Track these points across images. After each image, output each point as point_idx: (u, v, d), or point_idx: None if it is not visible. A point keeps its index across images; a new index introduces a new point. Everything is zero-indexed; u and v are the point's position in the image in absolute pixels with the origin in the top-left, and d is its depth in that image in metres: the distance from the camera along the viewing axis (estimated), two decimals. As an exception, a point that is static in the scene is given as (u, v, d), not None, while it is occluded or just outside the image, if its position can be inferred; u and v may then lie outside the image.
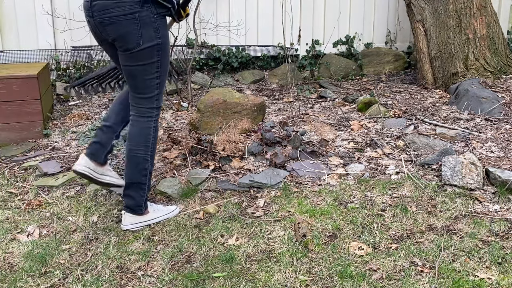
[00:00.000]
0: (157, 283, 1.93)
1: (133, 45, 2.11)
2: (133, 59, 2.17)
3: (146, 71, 2.18)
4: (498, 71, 4.50)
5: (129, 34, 2.10)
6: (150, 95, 2.24)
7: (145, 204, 2.35)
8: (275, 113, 4.06)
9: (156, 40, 2.14)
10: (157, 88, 2.24)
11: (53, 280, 1.96)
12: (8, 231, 2.34)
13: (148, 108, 2.26)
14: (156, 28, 2.13)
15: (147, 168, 2.29)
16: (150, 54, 2.15)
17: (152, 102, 2.25)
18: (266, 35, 5.39)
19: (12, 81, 3.40)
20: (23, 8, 4.44)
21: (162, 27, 2.17)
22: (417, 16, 4.74)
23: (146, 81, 2.20)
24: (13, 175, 2.94)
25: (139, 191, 2.31)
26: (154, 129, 2.29)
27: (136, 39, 2.10)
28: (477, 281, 1.87)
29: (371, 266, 1.99)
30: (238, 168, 2.90)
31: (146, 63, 2.16)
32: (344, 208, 2.47)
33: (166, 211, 2.43)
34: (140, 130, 2.27)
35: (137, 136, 2.27)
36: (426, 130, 3.44)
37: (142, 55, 2.14)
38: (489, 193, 2.55)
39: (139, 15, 2.07)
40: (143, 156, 2.27)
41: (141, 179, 2.29)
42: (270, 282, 1.91)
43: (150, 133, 2.27)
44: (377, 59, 5.66)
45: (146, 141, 2.27)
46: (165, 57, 2.22)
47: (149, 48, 2.13)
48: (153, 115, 2.27)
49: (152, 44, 2.13)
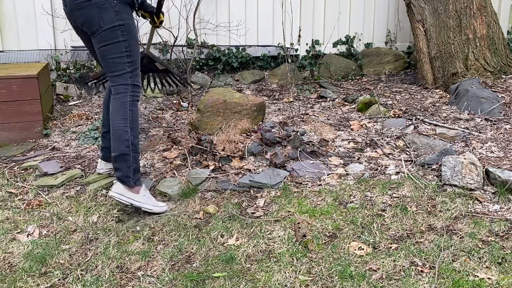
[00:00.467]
0: (157, 283, 1.93)
1: (96, 27, 2.36)
2: (100, 41, 2.39)
3: (114, 50, 2.39)
4: (498, 71, 4.50)
5: (92, 18, 2.36)
6: (122, 72, 2.42)
7: (134, 177, 2.44)
8: (275, 113, 4.06)
9: (117, 21, 2.36)
10: (129, 66, 2.42)
11: (53, 280, 1.96)
12: (8, 231, 2.34)
13: (123, 85, 2.44)
14: (117, 11, 2.36)
15: (128, 139, 2.42)
16: (114, 34, 2.37)
17: (125, 79, 2.43)
18: (266, 35, 5.39)
19: (12, 81, 3.40)
20: (23, 8, 4.44)
21: (124, 11, 2.39)
22: (417, 16, 4.74)
23: (116, 59, 2.41)
24: (13, 175, 2.94)
25: (125, 162, 2.43)
26: (131, 103, 2.44)
27: (98, 21, 2.35)
28: (477, 281, 1.87)
29: (371, 266, 1.99)
30: (238, 168, 2.90)
31: (111, 42, 2.38)
32: (344, 208, 2.47)
33: (155, 204, 2.49)
34: (117, 105, 2.44)
35: (116, 111, 2.45)
36: (426, 130, 3.44)
37: (106, 35, 2.37)
38: (489, 193, 2.55)
39: (99, 0, 2.33)
40: (122, 128, 2.42)
41: (125, 150, 2.42)
42: (270, 282, 1.91)
43: (127, 107, 2.43)
44: (377, 59, 5.67)
45: (124, 114, 2.43)
46: (132, 39, 2.42)
47: (111, 28, 2.36)
48: (127, 91, 2.44)
49: (114, 25, 2.35)
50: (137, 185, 2.45)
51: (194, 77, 4.99)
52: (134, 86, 2.46)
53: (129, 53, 2.41)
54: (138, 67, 2.48)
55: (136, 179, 2.45)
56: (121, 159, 2.42)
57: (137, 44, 2.47)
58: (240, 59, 5.25)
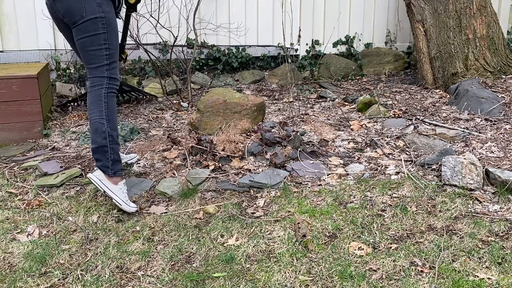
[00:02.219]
0: (157, 283, 1.93)
1: (78, 17, 2.39)
2: (80, 32, 2.42)
3: (93, 42, 2.42)
4: (498, 71, 4.50)
5: (73, 8, 2.39)
6: (100, 64, 2.45)
7: (113, 167, 2.48)
8: (275, 113, 4.06)
9: (99, 13, 2.39)
10: (107, 59, 2.45)
11: (53, 280, 1.96)
12: (8, 231, 2.34)
13: (99, 77, 2.46)
14: (99, 3, 2.40)
15: (105, 131, 2.45)
16: (94, 25, 2.40)
17: (102, 71, 2.46)
18: (266, 35, 5.39)
19: (12, 81, 3.40)
20: (23, 8, 4.44)
21: (105, 4, 2.43)
22: (417, 16, 4.74)
23: (95, 51, 2.43)
24: (13, 175, 2.94)
25: (104, 153, 2.46)
26: (106, 95, 2.47)
27: (80, 11, 2.38)
28: (477, 281, 1.87)
29: (371, 266, 1.99)
30: (238, 168, 2.90)
31: (92, 34, 2.40)
32: (344, 208, 2.47)
33: (127, 202, 2.49)
34: (93, 97, 2.47)
35: (92, 103, 2.47)
36: (426, 130, 3.44)
37: (87, 26, 2.40)
38: (489, 193, 2.55)
39: None
40: (99, 120, 2.45)
41: (102, 142, 2.45)
42: (270, 282, 1.91)
43: (102, 99, 2.46)
44: (377, 59, 5.67)
45: (99, 106, 2.45)
46: (112, 32, 2.45)
47: (92, 19, 2.39)
48: (103, 83, 2.47)
49: (95, 16, 2.39)
50: (116, 176, 2.49)
51: (194, 77, 4.99)
52: (111, 79, 2.49)
53: (108, 46, 2.45)
54: (116, 60, 2.51)
55: (115, 170, 2.49)
56: (100, 150, 2.46)
57: (116, 37, 2.51)
58: (240, 59, 5.25)
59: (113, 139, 2.48)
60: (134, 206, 2.51)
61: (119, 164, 2.52)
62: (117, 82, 2.53)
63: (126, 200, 2.49)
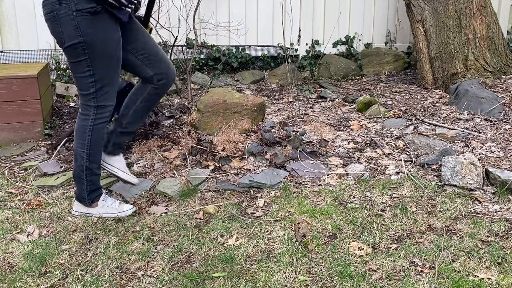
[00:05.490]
0: (157, 283, 1.93)
1: (60, 43, 2.18)
2: (66, 57, 2.22)
3: (76, 69, 2.20)
4: (498, 71, 4.50)
5: (54, 33, 2.17)
6: (85, 92, 2.24)
7: (89, 197, 2.40)
8: (275, 113, 4.06)
9: (77, 38, 2.10)
10: (93, 86, 2.22)
11: (53, 280, 1.96)
12: (8, 231, 2.34)
13: (86, 105, 2.27)
14: (77, 25, 2.08)
15: (83, 165, 2.32)
16: (74, 52, 2.15)
17: (88, 100, 2.25)
18: (266, 35, 5.39)
19: (12, 81, 3.40)
20: (23, 8, 4.44)
21: (86, 24, 2.08)
22: (417, 16, 4.74)
23: (78, 78, 2.23)
24: (13, 175, 2.94)
25: (80, 185, 2.37)
26: (91, 128, 2.28)
27: (59, 37, 2.15)
28: (477, 281, 1.87)
29: (371, 266, 1.99)
30: (238, 168, 2.90)
31: (73, 61, 2.19)
32: (344, 208, 2.47)
33: (117, 210, 2.45)
34: (79, 127, 2.31)
35: (77, 132, 2.32)
36: (426, 130, 3.44)
37: (68, 53, 2.18)
38: (489, 193, 2.55)
39: (57, 13, 2.08)
40: (79, 152, 2.32)
41: (80, 173, 2.34)
42: (270, 282, 1.91)
43: (86, 132, 2.28)
44: (377, 59, 5.67)
45: (82, 139, 2.30)
46: (97, 55, 2.16)
47: (71, 46, 2.13)
48: (90, 114, 2.27)
49: (73, 43, 2.12)
50: (94, 202, 2.43)
51: (194, 77, 4.99)
52: (98, 108, 2.27)
53: (92, 72, 2.18)
54: (104, 85, 2.23)
55: (92, 199, 2.41)
56: (77, 181, 2.39)
57: (108, 59, 2.20)
58: (240, 59, 5.25)
59: (91, 172, 2.36)
60: (128, 207, 2.47)
61: (97, 192, 2.43)
62: (106, 109, 2.29)
63: (116, 210, 2.44)
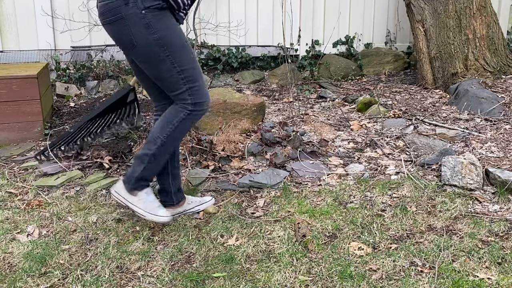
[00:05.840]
0: (157, 283, 1.93)
1: (129, 46, 2.03)
2: (142, 62, 2.08)
3: (161, 70, 2.05)
4: (497, 71, 4.50)
5: (122, 36, 2.03)
6: (179, 91, 2.09)
7: (135, 184, 2.20)
8: (275, 113, 4.06)
9: (151, 36, 1.98)
10: (185, 83, 2.07)
11: (53, 280, 1.96)
12: (8, 231, 2.34)
13: (183, 103, 2.11)
14: (147, 24, 1.97)
15: (151, 150, 2.15)
16: (152, 52, 2.01)
17: (185, 98, 2.10)
18: (266, 35, 5.39)
19: (12, 81, 3.40)
20: (23, 8, 4.44)
21: (156, 21, 1.99)
22: (417, 16, 4.74)
23: (168, 79, 2.07)
24: (13, 175, 2.94)
25: (137, 166, 2.19)
26: (180, 119, 2.11)
27: (129, 39, 2.01)
28: (477, 281, 1.87)
29: (371, 266, 1.99)
30: (238, 168, 2.90)
31: (155, 62, 2.04)
32: (344, 208, 2.47)
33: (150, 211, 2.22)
34: (168, 113, 2.15)
35: (164, 116, 2.15)
36: (426, 130, 3.44)
37: (144, 55, 2.04)
38: (489, 193, 2.55)
39: (125, 14, 1.96)
40: (155, 136, 2.14)
41: (143, 157, 2.17)
42: (270, 282, 1.91)
43: (174, 120, 2.12)
44: (377, 59, 5.67)
45: (165, 125, 2.13)
46: (178, 50, 2.03)
47: (146, 46, 2.00)
48: (187, 109, 2.11)
49: (148, 42, 1.99)
50: (135, 190, 2.22)
51: (194, 77, 4.99)
52: (196, 105, 2.11)
53: (179, 69, 2.04)
54: (196, 79, 2.09)
55: (136, 186, 2.21)
56: (137, 160, 2.20)
57: (187, 51, 2.07)
58: (240, 59, 5.25)
59: (154, 161, 2.17)
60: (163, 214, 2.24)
61: (144, 182, 2.23)
62: (202, 107, 2.13)
63: (151, 210, 2.22)
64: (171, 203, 2.40)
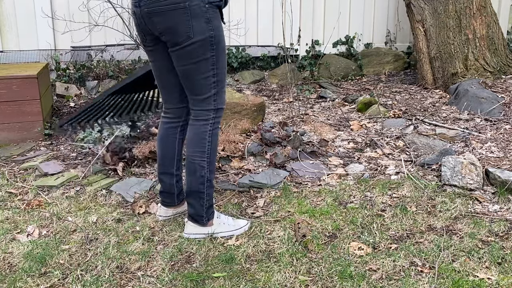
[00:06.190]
0: (157, 283, 1.93)
1: (183, 38, 1.94)
2: (184, 56, 1.99)
3: (200, 69, 2.00)
4: (497, 71, 4.50)
5: (178, 26, 1.92)
6: (207, 95, 2.05)
7: (207, 215, 2.21)
8: (275, 113, 4.06)
9: (208, 32, 1.94)
10: (215, 87, 2.04)
11: (53, 280, 1.96)
12: (8, 231, 2.34)
13: (205, 110, 2.08)
14: (208, 18, 1.93)
15: (204, 176, 2.13)
16: (202, 48, 1.96)
17: (209, 103, 2.06)
18: (266, 35, 5.39)
19: (12, 81, 3.40)
20: (23, 8, 4.44)
21: (215, 18, 1.97)
22: (417, 16, 4.74)
23: (201, 80, 2.01)
24: (13, 175, 2.94)
25: (199, 200, 2.17)
26: (211, 133, 2.11)
27: (186, 31, 1.92)
28: (477, 281, 1.87)
29: (371, 266, 1.99)
30: (238, 168, 2.90)
31: (199, 59, 1.98)
32: (344, 208, 2.47)
33: (234, 227, 2.26)
34: (195, 134, 2.11)
35: (193, 141, 2.12)
36: (426, 130, 3.45)
37: (193, 50, 1.96)
38: (489, 193, 2.55)
39: (189, 4, 1.90)
40: (198, 162, 2.11)
41: (199, 187, 2.14)
42: (270, 282, 1.91)
43: (206, 138, 2.10)
44: (377, 59, 5.67)
45: (202, 146, 2.10)
46: (221, 52, 2.02)
47: (201, 41, 1.94)
48: (209, 118, 2.09)
49: (204, 37, 1.94)
50: (210, 220, 2.23)
51: (194, 77, 4.99)
52: (218, 111, 2.09)
53: (215, 71, 2.02)
54: (224, 85, 2.09)
55: (209, 216, 2.21)
56: (195, 196, 2.17)
57: (225, 55, 2.06)
58: (240, 59, 5.25)
59: (210, 184, 2.16)
60: (244, 223, 2.29)
61: (212, 207, 2.24)
62: (222, 113, 2.13)
63: (234, 226, 2.25)
64: (173, 203, 2.40)
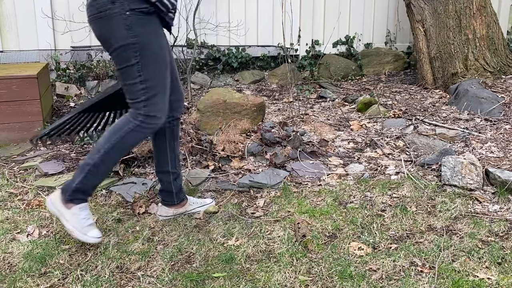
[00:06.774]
0: (156, 283, 1.93)
1: (108, 45, 2.00)
2: (115, 62, 2.02)
3: (126, 75, 2.00)
4: (497, 71, 4.50)
5: (103, 33, 1.99)
6: (135, 101, 2.03)
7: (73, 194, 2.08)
8: (275, 113, 4.06)
9: (129, 39, 1.94)
10: (144, 94, 2.01)
11: (53, 280, 1.96)
12: (8, 231, 2.34)
13: (136, 113, 2.05)
14: (129, 26, 1.93)
15: (93, 159, 2.04)
16: (124, 55, 1.97)
17: (138, 108, 2.03)
18: (266, 35, 5.39)
19: (12, 81, 3.40)
20: (23, 8, 4.44)
21: (139, 25, 1.95)
22: (417, 16, 4.74)
23: (129, 86, 2.01)
24: (13, 175, 2.94)
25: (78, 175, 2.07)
26: (128, 131, 2.04)
27: (109, 39, 1.97)
28: (476, 281, 1.87)
29: (371, 266, 1.99)
30: (238, 168, 2.90)
31: (123, 66, 1.99)
32: (344, 208, 2.47)
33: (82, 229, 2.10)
34: (116, 124, 2.09)
35: (112, 128, 2.09)
36: (425, 130, 3.45)
37: (117, 56, 1.99)
38: (489, 193, 2.55)
39: (109, 12, 1.93)
40: (99, 146, 2.05)
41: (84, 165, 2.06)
42: (270, 282, 1.91)
43: (120, 131, 2.04)
44: (377, 59, 5.67)
45: (112, 135, 2.05)
46: (150, 59, 1.99)
47: (121, 48, 1.96)
48: (136, 119, 2.04)
49: (124, 44, 1.95)
50: (71, 202, 2.08)
51: (194, 77, 4.99)
52: (148, 118, 2.03)
53: (143, 78, 1.98)
54: (157, 93, 2.03)
55: (72, 197, 2.08)
56: (79, 169, 2.08)
57: (159, 64, 2.03)
58: (240, 59, 5.25)
59: (94, 172, 2.06)
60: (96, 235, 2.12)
61: (83, 195, 2.10)
62: (154, 121, 2.05)
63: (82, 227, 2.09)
64: (172, 202, 2.40)
